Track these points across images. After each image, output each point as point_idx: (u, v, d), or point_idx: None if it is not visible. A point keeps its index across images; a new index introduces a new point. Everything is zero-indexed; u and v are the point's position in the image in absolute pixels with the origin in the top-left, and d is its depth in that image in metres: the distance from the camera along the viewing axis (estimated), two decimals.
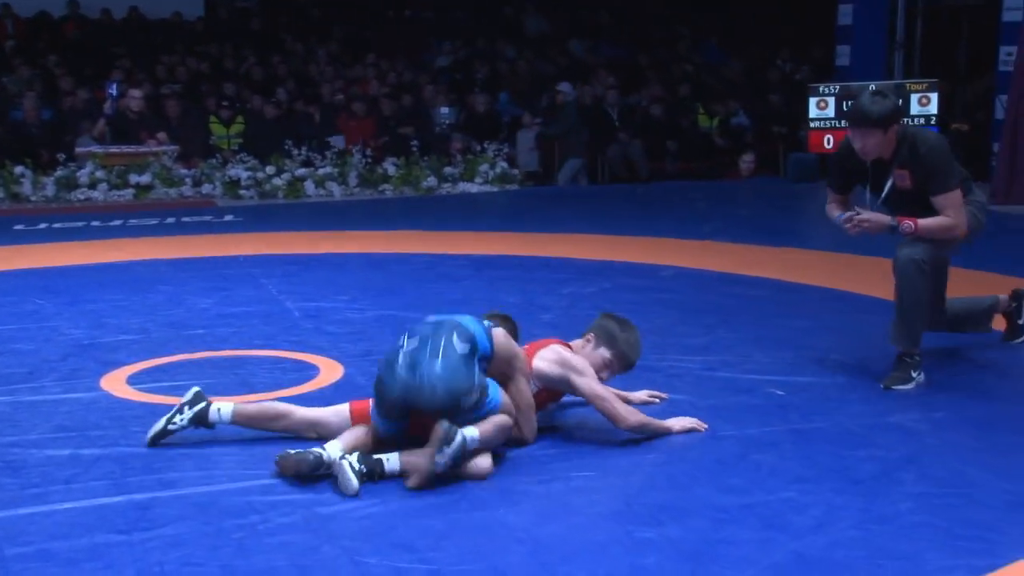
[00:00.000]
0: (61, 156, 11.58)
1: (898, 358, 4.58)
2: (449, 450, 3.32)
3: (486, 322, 3.72)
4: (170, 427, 3.74)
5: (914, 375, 4.53)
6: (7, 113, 12.58)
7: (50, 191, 11.42)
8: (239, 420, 3.80)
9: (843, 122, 11.21)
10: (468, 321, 3.63)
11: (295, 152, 12.02)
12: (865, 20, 12.31)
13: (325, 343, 5.28)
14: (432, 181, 12.08)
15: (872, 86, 11.14)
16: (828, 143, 11.33)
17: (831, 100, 11.26)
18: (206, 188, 11.79)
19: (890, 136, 4.44)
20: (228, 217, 10.29)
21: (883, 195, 4.58)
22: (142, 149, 11.93)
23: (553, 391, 3.95)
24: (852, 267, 7.21)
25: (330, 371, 4.78)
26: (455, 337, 3.52)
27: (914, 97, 10.98)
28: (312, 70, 14.68)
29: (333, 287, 6.71)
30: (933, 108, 10.93)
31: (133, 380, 4.65)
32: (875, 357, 4.92)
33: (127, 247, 8.40)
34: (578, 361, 3.87)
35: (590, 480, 3.46)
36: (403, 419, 3.55)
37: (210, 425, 3.77)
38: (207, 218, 10.23)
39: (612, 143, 13.24)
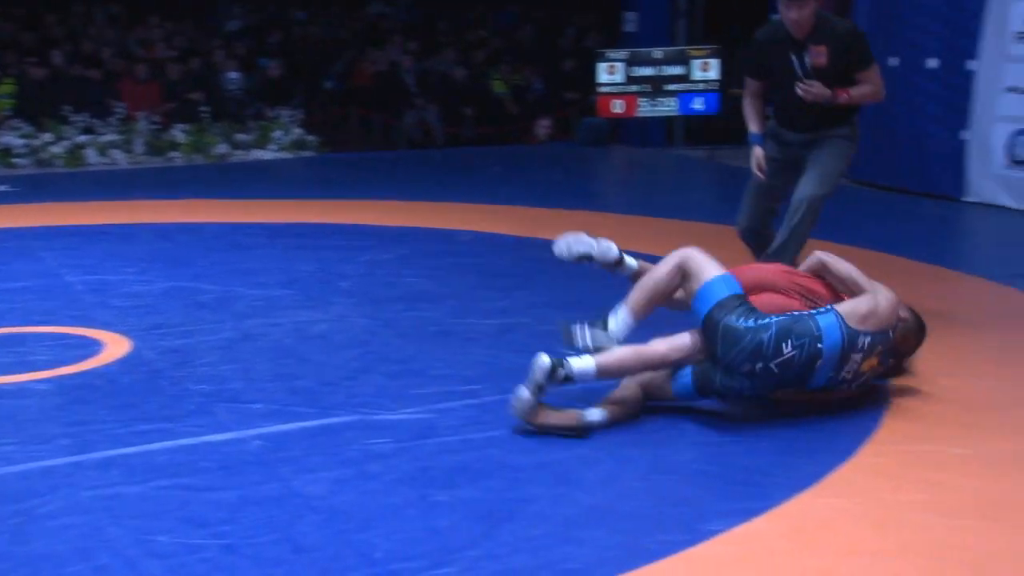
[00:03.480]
0: None
1: None
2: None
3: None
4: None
5: None
6: None
7: None
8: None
9: (631, 87, 11.51)
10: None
11: (74, 118, 11.43)
12: None
13: (111, 317, 5.07)
14: (224, 148, 11.74)
15: (658, 52, 11.55)
16: (618, 108, 11.60)
17: (620, 66, 11.53)
18: None
19: (812, 13, 4.85)
20: (1, 187, 9.70)
21: (802, 72, 4.93)
22: None
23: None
24: (642, 228, 7.45)
25: (116, 346, 4.59)
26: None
27: (696, 63, 11.37)
28: (91, 32, 13.97)
29: (119, 259, 6.43)
30: (714, 74, 11.36)
31: None
32: (662, 314, 5.11)
33: None
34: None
35: (385, 446, 3.46)
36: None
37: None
38: None
39: (408, 109, 13.19)
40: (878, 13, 9.08)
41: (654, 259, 4.06)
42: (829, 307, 3.64)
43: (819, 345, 3.50)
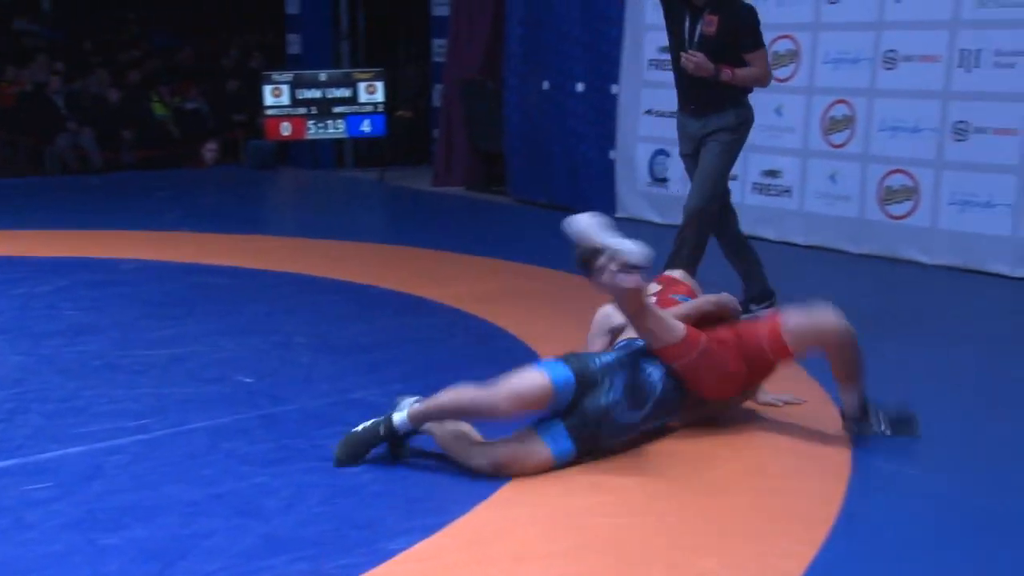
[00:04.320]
0: None
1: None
2: None
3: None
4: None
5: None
6: None
7: None
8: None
9: (298, 109, 11.44)
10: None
11: None
12: (311, 10, 12.64)
13: None
14: None
15: (323, 74, 11.57)
16: (286, 130, 11.50)
17: (285, 88, 11.44)
18: None
19: None
20: None
21: (695, 41, 5.11)
22: None
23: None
24: (308, 250, 7.45)
25: None
26: None
27: (361, 85, 11.46)
28: None
29: None
30: (380, 96, 11.49)
31: None
32: (337, 335, 5.13)
33: None
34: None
35: (46, 492, 3.24)
36: None
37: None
38: None
39: (60, 132, 12.43)
40: (529, 39, 9.55)
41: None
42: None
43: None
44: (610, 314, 3.99)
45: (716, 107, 5.24)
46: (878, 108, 7.21)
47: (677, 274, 4.29)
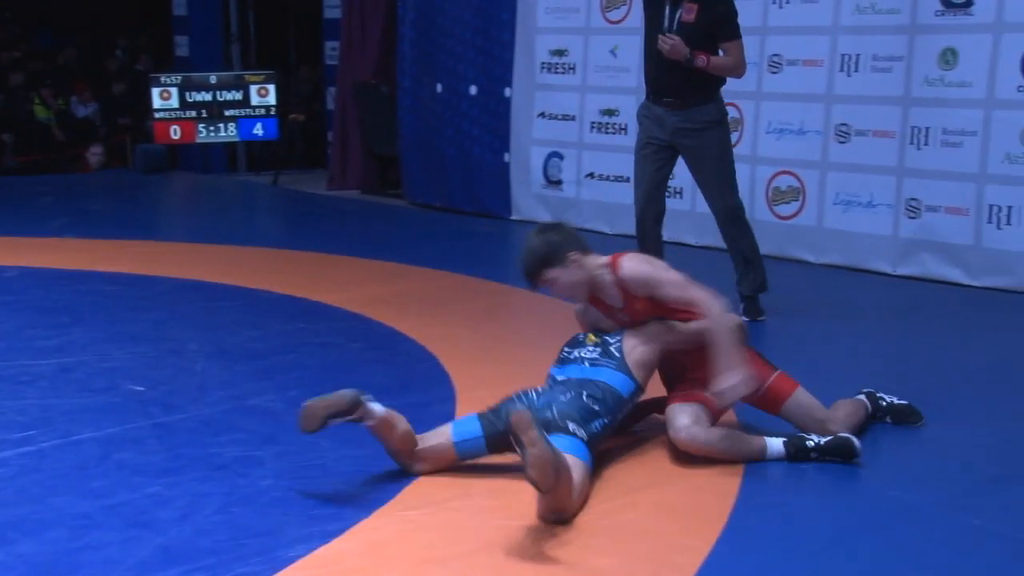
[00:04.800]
0: None
1: (748, 299, 5.33)
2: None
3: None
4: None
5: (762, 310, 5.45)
6: None
7: None
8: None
9: (188, 112, 11.23)
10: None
11: None
12: (200, 11, 12.43)
13: None
14: None
15: (213, 77, 11.38)
16: (175, 134, 11.28)
17: (174, 91, 11.21)
18: None
19: None
20: None
21: (673, 28, 5.12)
22: None
23: None
24: (200, 256, 7.32)
25: None
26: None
27: (253, 88, 11.31)
28: None
29: None
30: (272, 99, 11.35)
31: None
32: (230, 341, 5.06)
33: None
34: None
35: None
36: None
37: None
38: None
39: None
40: (422, 41, 9.54)
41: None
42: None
43: None
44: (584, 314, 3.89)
45: (696, 100, 5.24)
46: (764, 111, 7.38)
47: (635, 268, 3.70)
